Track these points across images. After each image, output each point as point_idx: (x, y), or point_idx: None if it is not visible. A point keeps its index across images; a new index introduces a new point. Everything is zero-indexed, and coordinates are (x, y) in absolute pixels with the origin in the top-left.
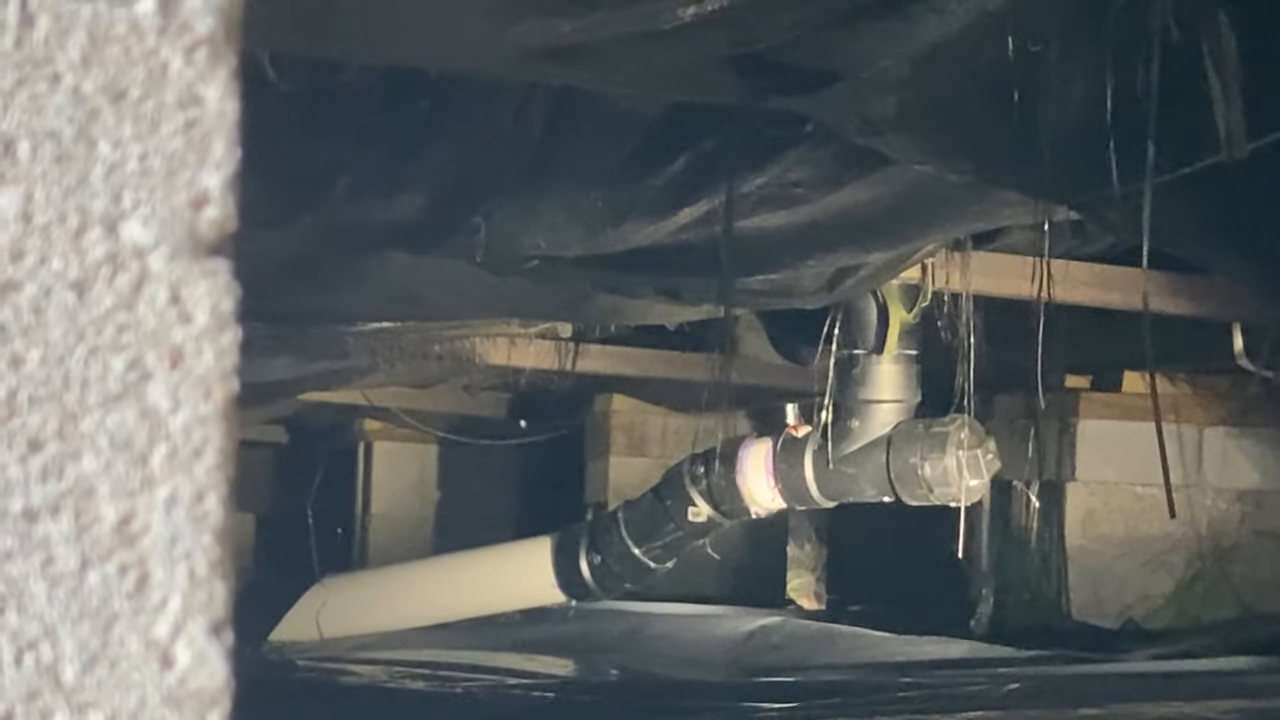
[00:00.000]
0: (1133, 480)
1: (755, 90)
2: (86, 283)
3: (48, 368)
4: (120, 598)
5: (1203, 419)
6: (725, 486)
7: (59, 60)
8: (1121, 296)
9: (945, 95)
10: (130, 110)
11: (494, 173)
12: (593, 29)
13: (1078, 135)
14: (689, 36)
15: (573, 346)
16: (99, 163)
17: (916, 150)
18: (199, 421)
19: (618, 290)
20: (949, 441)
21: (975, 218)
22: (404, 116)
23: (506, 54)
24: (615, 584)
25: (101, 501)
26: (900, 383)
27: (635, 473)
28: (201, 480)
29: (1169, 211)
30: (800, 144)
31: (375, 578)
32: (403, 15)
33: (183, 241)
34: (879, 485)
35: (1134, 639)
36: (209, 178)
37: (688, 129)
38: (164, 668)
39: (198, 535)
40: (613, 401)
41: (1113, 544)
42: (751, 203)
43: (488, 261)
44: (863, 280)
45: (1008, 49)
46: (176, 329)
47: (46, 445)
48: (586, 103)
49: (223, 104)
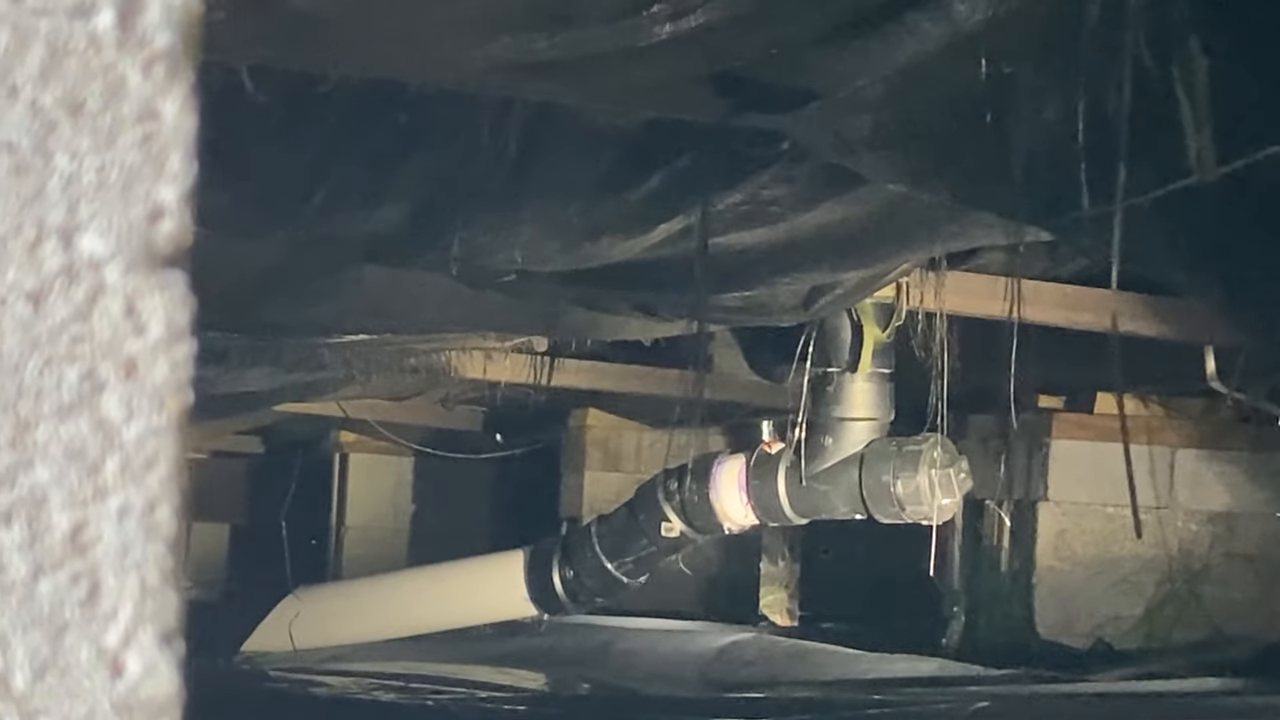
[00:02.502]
0: (1104, 501)
1: (732, 108)
2: (42, 293)
3: (2, 377)
4: (71, 606)
5: (1174, 441)
6: (699, 502)
7: (17, 72)
8: (1093, 318)
9: (920, 116)
10: (88, 123)
11: (471, 186)
12: (569, 46)
13: (1050, 157)
14: (666, 54)
15: (548, 361)
16: (56, 174)
17: (891, 170)
18: (152, 432)
19: (593, 305)
20: (922, 460)
21: (949, 238)
22: (382, 129)
23: (484, 68)
24: (588, 598)
25: (54, 510)
26: (874, 401)
27: (610, 487)
28: (154, 490)
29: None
30: (776, 162)
31: (349, 589)
32: (381, 29)
33: (138, 254)
34: (852, 503)
35: (1104, 659)
36: (165, 191)
37: (664, 145)
38: (114, 676)
39: (149, 545)
40: (588, 416)
41: (1084, 564)
42: (727, 220)
43: (464, 275)
44: (838, 298)
45: (981, 71)
46: (131, 340)
47: None
48: (563, 118)
49: (180, 118)
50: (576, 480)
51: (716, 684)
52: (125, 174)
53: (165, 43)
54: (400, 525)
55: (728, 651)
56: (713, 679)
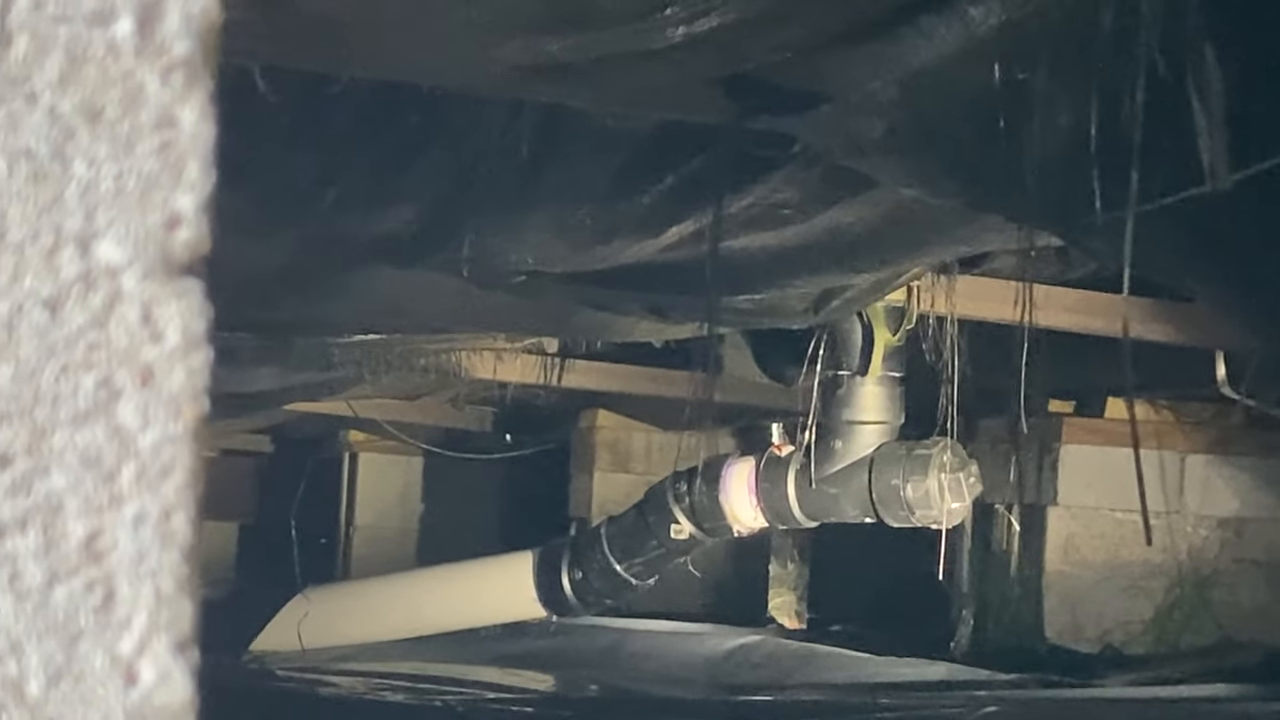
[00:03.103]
0: (1114, 505)
1: (744, 111)
2: (59, 300)
3: (18, 384)
4: (86, 614)
5: (1184, 446)
6: (708, 504)
7: (36, 79)
8: (1104, 322)
9: (932, 119)
10: (106, 130)
11: (482, 187)
12: (581, 49)
13: (1063, 162)
14: (678, 57)
15: (558, 361)
16: (74, 182)
17: (903, 173)
18: (168, 440)
19: (604, 307)
20: (931, 464)
21: (961, 242)
22: (393, 130)
23: (496, 71)
24: (596, 600)
25: (69, 518)
26: (884, 404)
27: (619, 489)
28: (170, 499)
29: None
30: (788, 165)
31: (358, 589)
32: (393, 31)
33: (155, 262)
34: (861, 506)
35: (1113, 664)
36: (183, 199)
37: (676, 147)
38: (128, 684)
39: (165, 553)
40: (597, 417)
41: (1093, 569)
42: (739, 222)
43: (475, 276)
44: (848, 301)
45: (995, 75)
46: (147, 348)
47: (15, 461)
48: (575, 119)
49: (199, 126)
50: (585, 481)
51: (725, 686)
52: (143, 182)
53: (184, 50)
54: (409, 525)
55: (736, 654)
56: (721, 681)
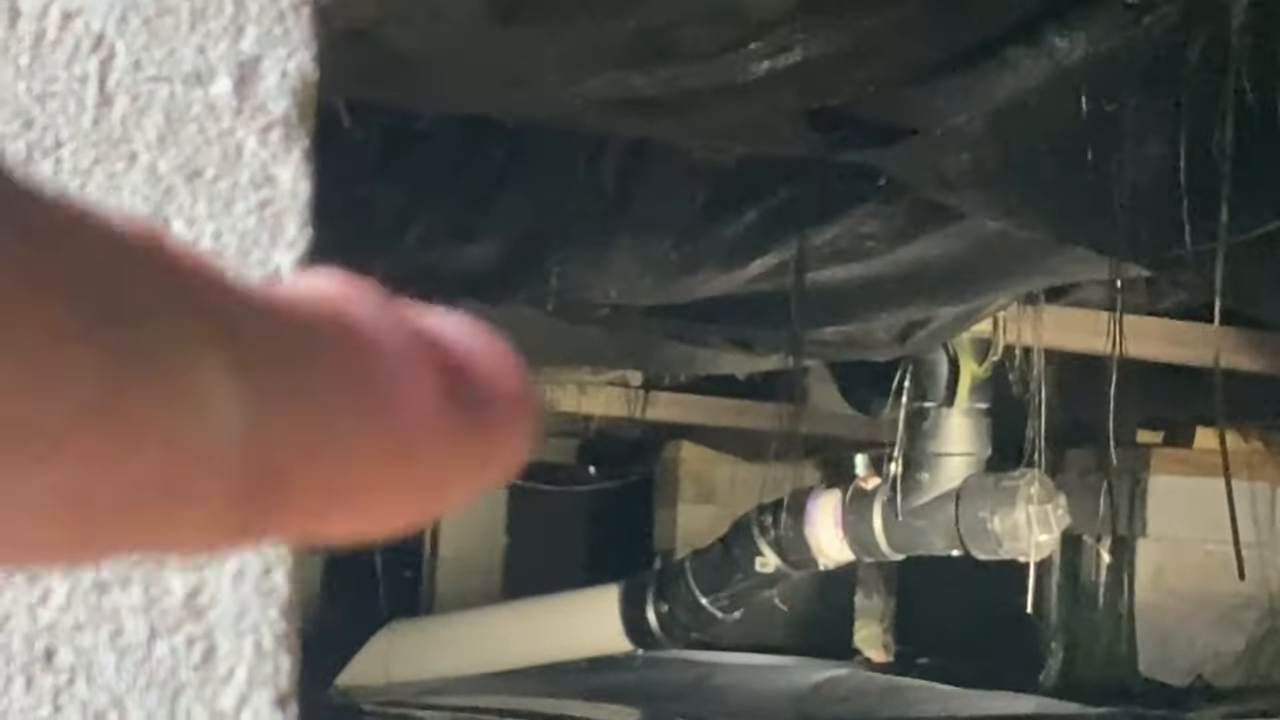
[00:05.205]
0: (1204, 537)
1: (828, 144)
2: None
3: None
4: (187, 669)
5: (1275, 476)
6: (793, 537)
7: (136, 139)
8: (1194, 352)
9: (1019, 152)
10: (205, 189)
11: (567, 221)
12: (666, 83)
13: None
14: (763, 91)
15: (642, 394)
16: None
17: (989, 206)
18: None
19: (688, 339)
20: (1019, 496)
21: (1047, 273)
22: (478, 164)
23: (581, 105)
24: (682, 633)
25: (171, 574)
26: (970, 436)
27: (703, 521)
28: (269, 555)
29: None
30: (873, 198)
31: (443, 622)
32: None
33: None
34: (948, 538)
35: (1203, 697)
36: (282, 256)
37: (760, 180)
38: None
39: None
40: (681, 449)
41: (1183, 601)
42: (823, 255)
43: (560, 309)
44: (934, 333)
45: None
46: None
47: None
48: (659, 153)
49: (296, 184)
50: (669, 513)
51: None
52: (241, 240)
53: (281, 110)
54: (493, 557)
55: (822, 687)
56: (807, 715)
